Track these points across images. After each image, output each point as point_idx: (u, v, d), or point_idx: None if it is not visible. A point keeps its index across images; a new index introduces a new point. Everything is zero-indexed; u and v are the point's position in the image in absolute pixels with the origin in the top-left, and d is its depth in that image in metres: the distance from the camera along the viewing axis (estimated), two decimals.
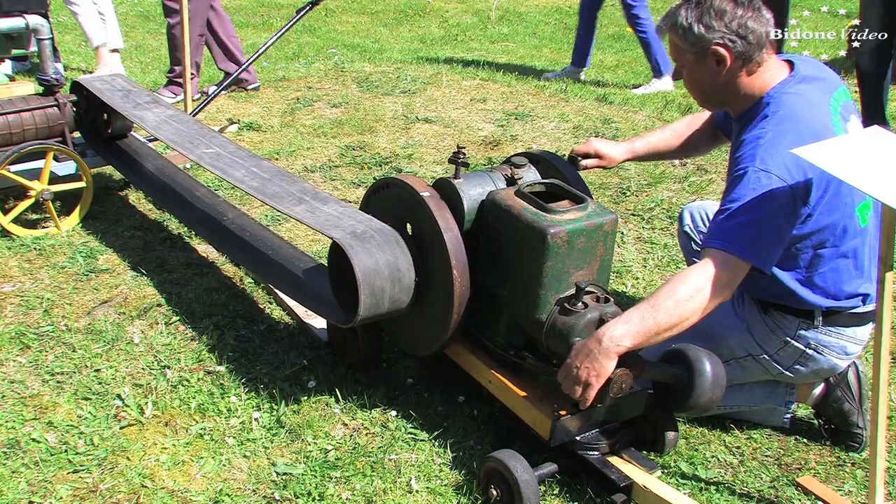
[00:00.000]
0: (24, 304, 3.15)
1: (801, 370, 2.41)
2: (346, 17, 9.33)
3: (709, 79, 2.28)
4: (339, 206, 2.75)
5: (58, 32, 7.35)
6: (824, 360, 2.38)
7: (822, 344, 2.36)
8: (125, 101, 3.76)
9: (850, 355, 2.41)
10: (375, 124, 5.31)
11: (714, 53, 2.22)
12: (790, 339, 2.37)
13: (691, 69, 2.29)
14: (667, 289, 2.07)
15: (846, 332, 2.36)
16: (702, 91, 2.34)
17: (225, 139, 3.46)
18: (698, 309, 2.05)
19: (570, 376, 2.10)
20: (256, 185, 2.94)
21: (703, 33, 2.21)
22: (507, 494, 2.19)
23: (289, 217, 2.76)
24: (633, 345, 2.04)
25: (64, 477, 2.32)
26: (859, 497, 2.33)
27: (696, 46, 2.23)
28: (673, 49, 2.32)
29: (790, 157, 2.09)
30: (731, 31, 2.20)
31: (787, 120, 2.17)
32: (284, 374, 2.78)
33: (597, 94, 6.12)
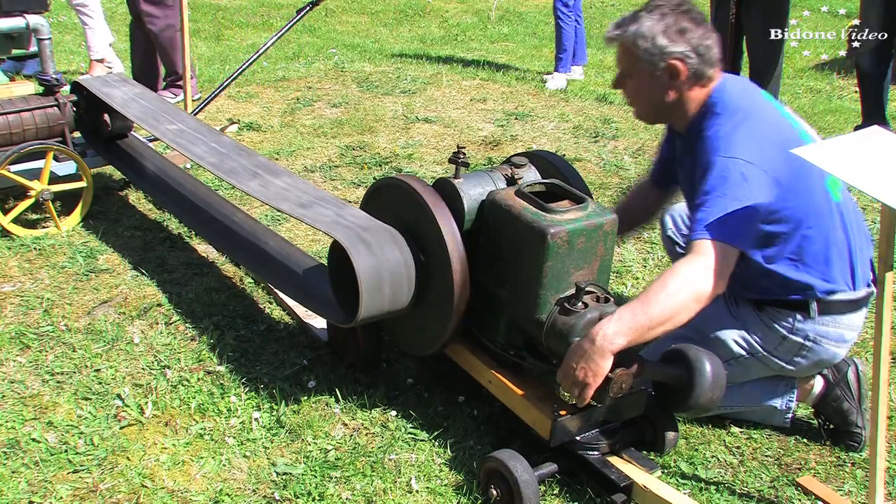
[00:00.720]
0: (24, 304, 3.15)
1: (802, 363, 2.41)
2: (346, 17, 9.33)
3: (658, 92, 2.31)
4: (290, 178, 2.87)
5: (58, 32, 7.36)
6: (823, 351, 2.39)
7: (819, 335, 2.36)
8: (95, 80, 3.91)
9: (848, 342, 2.41)
10: (375, 124, 5.31)
11: (671, 67, 2.25)
12: (788, 334, 2.37)
13: (641, 80, 2.31)
14: (657, 284, 2.07)
15: (842, 319, 2.37)
16: (646, 103, 2.37)
17: (187, 116, 3.59)
18: (690, 300, 2.05)
19: (568, 377, 2.10)
20: (215, 160, 3.05)
21: (666, 45, 2.23)
22: (507, 494, 2.19)
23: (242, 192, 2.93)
24: (627, 342, 2.04)
25: (64, 477, 2.32)
26: (859, 497, 2.33)
27: (655, 58, 2.25)
28: (625, 57, 2.32)
29: (752, 141, 2.15)
30: (691, 47, 2.24)
31: (738, 111, 2.23)
32: (284, 374, 2.78)
33: (597, 94, 6.12)
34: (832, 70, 6.96)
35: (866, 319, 2.49)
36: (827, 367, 2.51)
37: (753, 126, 2.19)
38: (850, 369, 2.51)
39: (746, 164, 2.13)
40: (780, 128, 2.25)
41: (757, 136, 2.18)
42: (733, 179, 2.12)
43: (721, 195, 2.11)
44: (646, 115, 2.43)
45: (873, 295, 2.41)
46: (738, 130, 2.18)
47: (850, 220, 2.36)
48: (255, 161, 3.02)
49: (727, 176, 2.12)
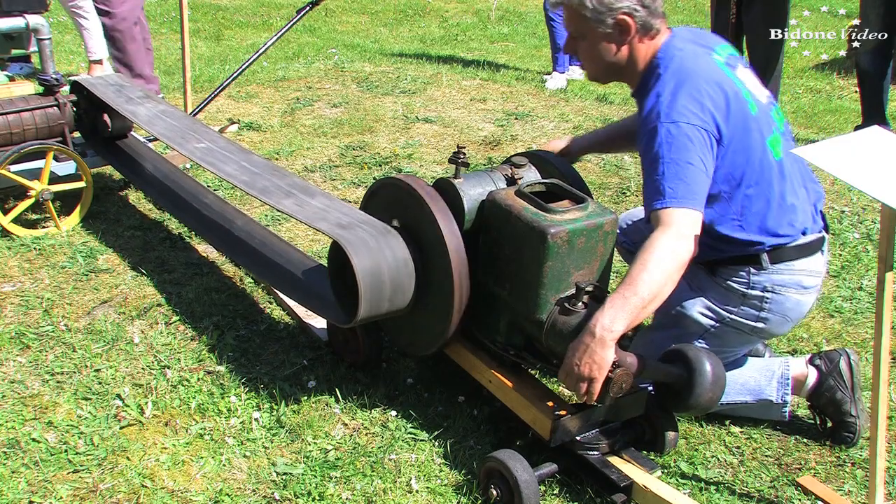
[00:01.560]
0: (24, 304, 3.16)
1: (771, 317, 2.40)
2: (346, 17, 9.33)
3: (610, 49, 2.33)
4: (326, 199, 2.78)
5: (58, 32, 7.36)
6: (785, 300, 2.38)
7: (776, 283, 2.37)
8: (118, 96, 3.78)
9: (810, 289, 2.41)
10: (375, 124, 5.31)
11: (619, 23, 2.27)
12: (746, 290, 2.38)
13: (593, 39, 2.32)
14: (636, 264, 2.09)
15: (796, 265, 2.37)
16: (600, 62, 2.38)
17: (215, 134, 3.48)
18: (671, 270, 2.08)
19: (572, 374, 2.10)
20: (246, 179, 2.97)
21: (612, 2, 2.25)
22: (507, 494, 2.19)
23: (278, 211, 2.81)
24: (624, 327, 2.06)
25: (64, 477, 2.32)
26: (859, 497, 2.33)
27: (603, 15, 2.26)
28: (573, 19, 2.33)
29: (691, 101, 2.18)
30: (637, 0, 2.26)
31: (678, 72, 2.25)
32: (284, 374, 2.78)
33: (597, 94, 6.12)
34: (832, 70, 6.96)
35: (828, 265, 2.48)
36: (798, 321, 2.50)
37: (694, 85, 2.21)
38: (841, 359, 2.51)
39: (690, 127, 2.16)
40: (721, 85, 2.25)
41: (698, 96, 2.19)
42: (679, 143, 2.15)
43: (671, 161, 2.14)
44: (599, 75, 2.45)
45: (825, 239, 2.44)
46: (680, 92, 2.20)
47: (792, 174, 2.36)
48: (288, 181, 2.94)
49: (672, 141, 2.15)
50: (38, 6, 4.18)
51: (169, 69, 6.50)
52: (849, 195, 4.34)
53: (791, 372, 2.52)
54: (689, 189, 2.13)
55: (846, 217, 4.10)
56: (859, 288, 3.43)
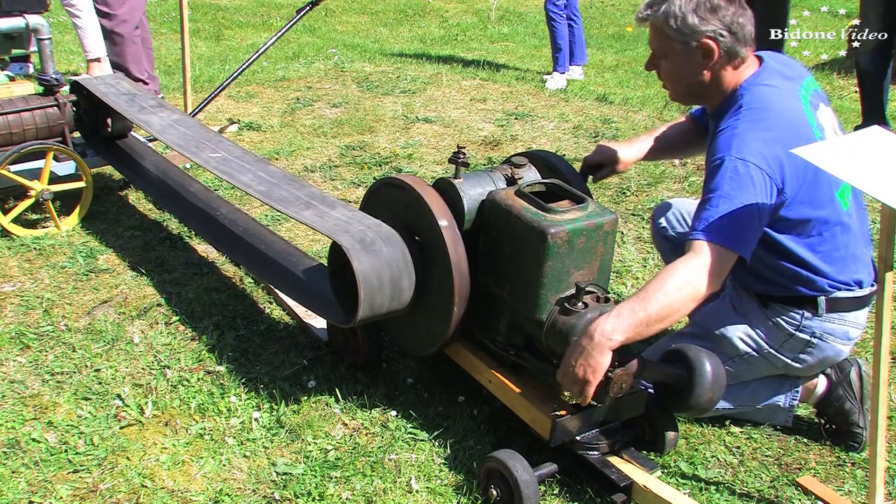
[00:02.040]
0: (24, 304, 3.16)
1: (808, 360, 2.41)
2: (346, 17, 9.33)
3: (692, 71, 2.29)
4: (346, 210, 2.73)
5: (58, 32, 7.36)
6: (829, 348, 2.39)
7: (826, 332, 2.36)
8: (130, 105, 3.74)
9: (853, 340, 2.41)
10: (375, 124, 5.31)
11: (703, 46, 2.23)
12: (795, 331, 2.37)
13: (675, 60, 2.29)
14: (656, 281, 2.08)
15: (848, 317, 2.37)
16: (681, 83, 2.34)
17: (230, 143, 3.45)
18: (688, 299, 2.06)
19: (568, 375, 2.11)
20: (264, 189, 2.93)
21: (697, 25, 2.21)
22: (507, 494, 2.19)
23: (299, 222, 2.78)
24: (625, 338, 2.05)
25: (64, 477, 2.32)
26: (859, 497, 2.33)
27: (687, 38, 2.23)
28: (656, 38, 2.30)
29: (765, 145, 2.13)
30: (724, 25, 2.21)
31: (760, 110, 2.20)
32: (284, 374, 2.78)
33: (597, 94, 6.12)
34: (832, 70, 6.96)
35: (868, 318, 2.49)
36: (830, 366, 2.51)
37: (771, 129, 2.15)
38: (853, 369, 2.50)
39: (756, 169, 2.11)
40: (798, 134, 2.20)
41: (772, 141, 2.14)
42: (741, 182, 2.10)
43: (725, 196, 2.10)
44: (680, 96, 2.41)
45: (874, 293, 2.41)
46: (756, 131, 2.15)
47: (858, 224, 2.35)
48: (307, 191, 2.91)
49: (735, 177, 2.10)
50: (38, 6, 4.18)
51: (169, 69, 6.50)
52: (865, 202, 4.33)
53: (801, 379, 2.52)
54: (735, 229, 2.09)
55: None
56: None
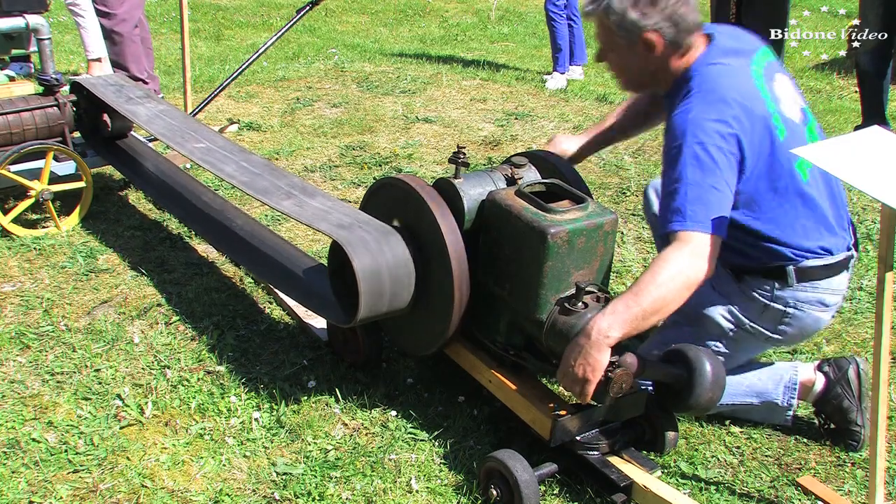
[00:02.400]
0: (24, 304, 3.15)
1: (788, 330, 2.42)
2: (346, 17, 9.33)
3: (638, 64, 2.30)
4: (326, 199, 2.77)
5: (58, 32, 7.36)
6: (806, 316, 2.39)
7: (799, 300, 2.37)
8: (118, 97, 3.77)
9: (830, 307, 2.41)
10: (375, 124, 5.31)
11: (645, 40, 2.24)
12: (769, 302, 2.38)
13: (620, 54, 2.31)
14: (647, 274, 2.08)
15: (821, 284, 2.37)
16: (628, 75, 2.37)
17: (215, 133, 3.49)
18: (681, 288, 2.07)
19: (567, 375, 2.11)
20: (246, 179, 2.97)
21: (637, 20, 2.21)
22: (506, 494, 2.19)
23: (278, 211, 2.82)
24: (622, 334, 2.05)
25: (64, 477, 2.32)
26: (859, 497, 2.33)
27: (629, 32, 2.24)
28: (602, 32, 2.31)
29: (721, 123, 2.14)
30: (665, 17, 2.22)
31: (711, 91, 2.20)
32: (284, 374, 2.78)
33: (597, 94, 6.12)
34: (832, 70, 6.96)
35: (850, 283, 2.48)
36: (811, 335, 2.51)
37: (724, 108, 2.16)
38: (850, 367, 2.51)
39: (716, 149, 2.12)
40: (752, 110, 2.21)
41: (727, 118, 2.15)
42: (704, 165, 2.12)
43: (692, 184, 2.11)
44: (630, 87, 2.44)
45: (853, 258, 2.43)
46: (709, 113, 2.16)
47: (820, 195, 2.34)
48: (287, 181, 2.95)
49: (696, 163, 2.12)
50: (38, 6, 4.18)
51: (169, 69, 6.50)
52: (849, 195, 4.34)
53: (799, 377, 2.52)
54: (710, 213, 2.10)
55: None
56: (859, 288, 3.43)
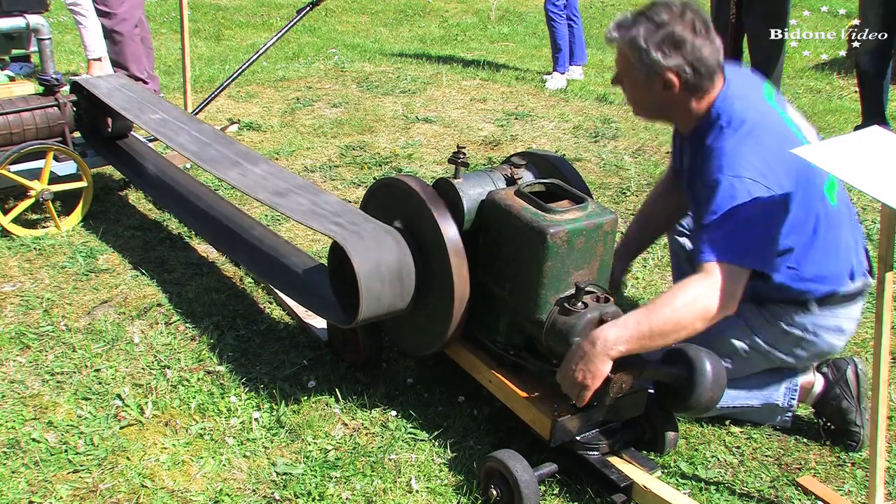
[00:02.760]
0: (24, 304, 3.15)
1: (802, 354, 2.43)
2: (346, 17, 9.32)
3: (652, 98, 2.27)
4: (268, 166, 3.00)
5: (58, 32, 7.36)
6: (822, 342, 2.40)
7: (818, 326, 2.38)
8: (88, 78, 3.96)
9: (846, 333, 2.43)
10: (375, 124, 5.31)
11: (664, 79, 2.21)
12: (787, 328, 2.39)
13: (636, 87, 2.28)
14: (666, 296, 2.08)
15: (840, 311, 2.38)
16: (641, 107, 2.35)
17: (170, 105, 3.68)
18: (696, 317, 2.05)
19: (567, 378, 2.11)
20: (196, 150, 3.16)
21: (659, 59, 2.17)
22: (507, 494, 2.19)
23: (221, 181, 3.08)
24: (627, 349, 2.05)
25: (64, 477, 2.32)
26: (859, 497, 2.33)
27: (649, 69, 2.20)
28: (621, 60, 2.28)
29: (757, 158, 2.12)
30: (687, 62, 2.18)
31: (742, 123, 2.19)
32: (284, 374, 2.78)
33: (597, 94, 6.12)
34: (832, 70, 6.96)
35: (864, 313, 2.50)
36: (826, 358, 2.52)
37: (758, 139, 2.15)
38: (849, 368, 2.51)
39: (754, 183, 2.10)
40: (783, 137, 2.20)
41: (762, 150, 2.13)
42: (741, 199, 2.09)
43: (729, 216, 2.09)
44: (643, 115, 2.43)
45: (870, 285, 2.43)
46: (744, 145, 2.14)
47: (845, 220, 2.37)
48: (234, 149, 3.12)
49: (735, 195, 2.09)
50: (38, 6, 4.18)
51: (169, 69, 6.50)
52: (849, 195, 4.33)
53: (799, 379, 2.52)
54: (744, 246, 2.09)
55: None
56: None
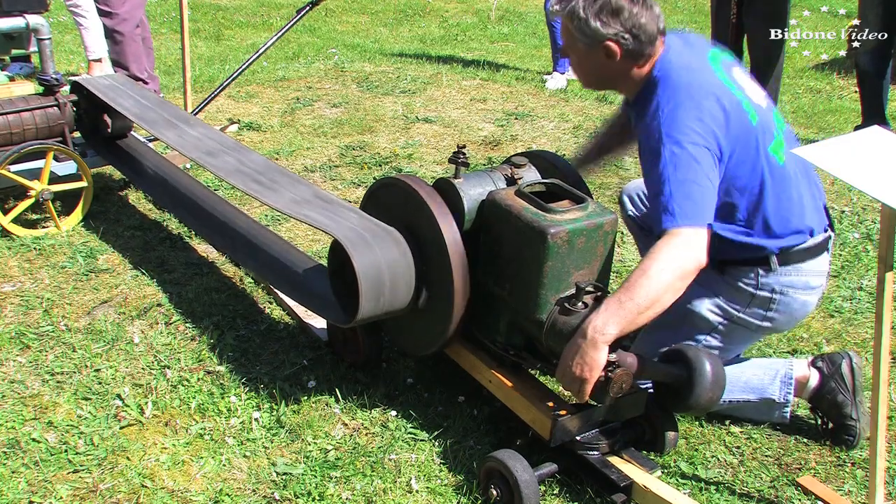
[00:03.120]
0: (24, 304, 3.16)
1: (777, 317, 2.42)
2: (346, 17, 9.33)
3: (597, 68, 2.34)
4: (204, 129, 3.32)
5: (58, 32, 7.36)
6: (793, 300, 2.40)
7: (785, 285, 2.37)
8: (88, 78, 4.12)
9: (816, 289, 2.42)
10: (375, 124, 5.31)
11: (605, 48, 2.27)
12: (755, 291, 2.39)
13: (581, 57, 2.34)
14: (638, 270, 2.09)
15: (804, 266, 2.38)
16: (587, 76, 2.42)
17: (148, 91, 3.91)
18: (675, 279, 2.07)
19: (566, 375, 2.11)
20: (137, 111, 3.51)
21: (599, 28, 2.24)
22: (507, 494, 2.19)
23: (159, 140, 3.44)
24: (618, 330, 2.05)
25: (64, 477, 2.32)
26: (859, 497, 2.33)
27: (590, 38, 2.26)
28: (564, 32, 2.35)
29: (692, 119, 2.17)
30: (626, 29, 2.24)
31: (677, 88, 2.22)
32: (284, 374, 2.78)
33: (597, 94, 6.12)
34: (832, 70, 6.97)
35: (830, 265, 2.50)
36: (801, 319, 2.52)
37: (695, 102, 2.19)
38: (844, 362, 2.52)
39: (693, 146, 2.15)
40: (720, 99, 2.23)
41: (698, 113, 2.17)
42: (684, 163, 2.13)
43: (676, 181, 2.13)
44: (590, 85, 2.49)
45: (832, 238, 2.45)
46: (680, 110, 2.19)
47: (797, 178, 2.36)
48: (173, 112, 3.43)
49: (677, 162, 2.14)
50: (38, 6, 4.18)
51: (169, 69, 6.50)
52: (849, 195, 4.34)
53: (794, 373, 2.52)
54: (696, 207, 2.12)
55: (846, 217, 4.10)
56: (859, 288, 3.43)
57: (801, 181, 2.37)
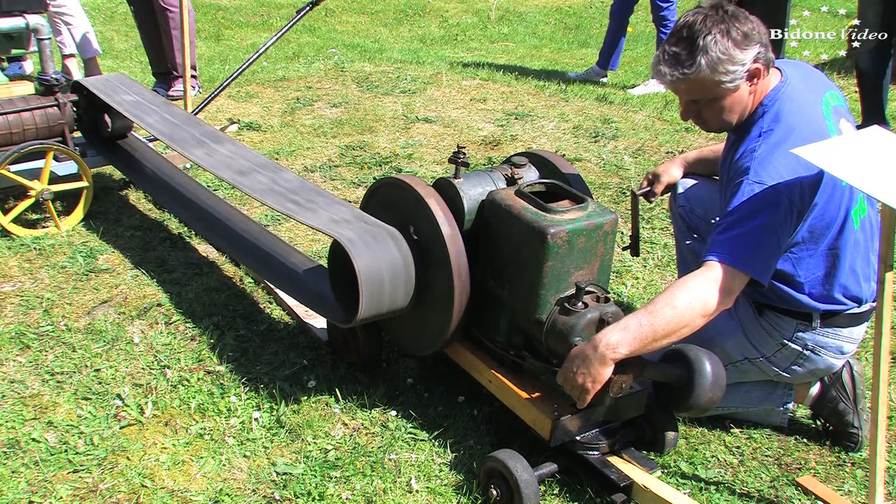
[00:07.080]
0: (24, 303, 3.16)
1: (798, 371, 2.41)
2: (346, 17, 9.32)
3: (743, 100, 2.22)
4: (234, 146, 3.18)
5: None
6: (821, 361, 2.39)
7: (819, 345, 2.36)
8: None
9: (846, 355, 2.41)
10: (375, 124, 5.31)
11: (751, 72, 2.17)
12: (787, 342, 2.37)
13: (731, 100, 2.20)
14: (665, 296, 2.06)
15: (843, 332, 2.36)
16: (736, 116, 2.25)
17: (142, 86, 3.88)
18: (696, 316, 2.05)
19: (568, 380, 2.11)
20: (166, 131, 3.36)
21: (743, 57, 2.14)
22: (506, 494, 2.19)
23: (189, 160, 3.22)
24: (629, 352, 2.04)
25: (64, 477, 2.32)
26: (859, 497, 2.33)
27: (738, 72, 2.15)
28: (699, 89, 2.19)
29: (785, 166, 2.10)
30: (758, 42, 2.15)
31: (780, 129, 2.17)
32: (284, 374, 2.78)
33: (597, 94, 6.12)
34: (832, 70, 6.96)
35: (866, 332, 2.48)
36: (820, 377, 2.51)
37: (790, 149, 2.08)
38: (844, 370, 2.51)
39: (775, 193, 2.08)
40: None
41: (794, 160, 2.08)
42: (758, 207, 2.08)
43: (743, 219, 2.08)
44: (729, 126, 2.30)
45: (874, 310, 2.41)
46: (775, 152, 2.12)
47: (864, 244, 2.33)
48: (201, 130, 3.32)
49: (753, 201, 2.09)
50: (38, 6, 4.17)
51: None
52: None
53: None
54: (751, 254, 2.08)
55: None
56: None
57: (869, 248, 2.33)
